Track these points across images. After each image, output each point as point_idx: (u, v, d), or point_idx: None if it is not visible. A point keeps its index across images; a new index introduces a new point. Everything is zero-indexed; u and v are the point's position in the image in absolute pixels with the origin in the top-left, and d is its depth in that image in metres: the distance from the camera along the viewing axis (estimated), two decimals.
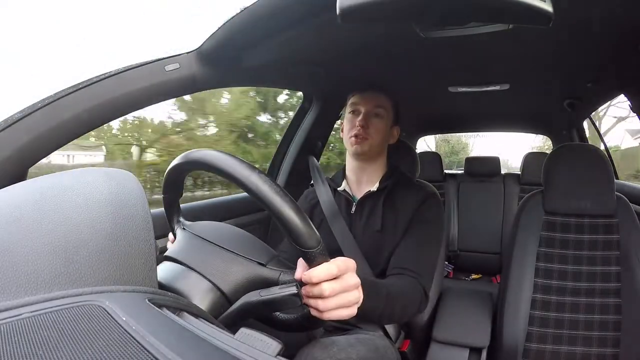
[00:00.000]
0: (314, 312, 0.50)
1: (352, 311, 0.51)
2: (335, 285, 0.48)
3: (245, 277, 0.52)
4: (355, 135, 0.91)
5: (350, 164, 0.99)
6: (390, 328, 0.89)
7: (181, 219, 0.62)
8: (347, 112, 0.96)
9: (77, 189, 0.38)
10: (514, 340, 0.96)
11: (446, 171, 2.28)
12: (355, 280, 0.51)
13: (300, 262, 0.50)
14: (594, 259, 0.97)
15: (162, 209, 0.62)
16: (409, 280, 0.80)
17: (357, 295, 0.52)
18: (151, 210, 0.38)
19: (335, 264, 0.48)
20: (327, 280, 0.48)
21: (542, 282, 0.98)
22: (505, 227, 2.00)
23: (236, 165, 0.46)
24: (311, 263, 0.47)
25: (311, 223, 0.47)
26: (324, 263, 0.48)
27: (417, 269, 0.82)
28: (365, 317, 0.64)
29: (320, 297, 0.48)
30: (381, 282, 0.74)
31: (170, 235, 0.66)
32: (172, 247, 0.56)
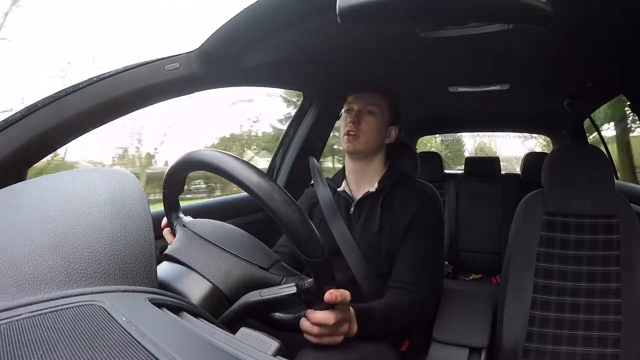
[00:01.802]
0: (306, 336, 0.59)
1: (339, 339, 0.61)
2: (329, 330, 0.58)
3: (247, 280, 0.52)
4: (347, 133, 0.92)
5: (348, 164, 0.99)
6: None
7: (180, 215, 0.61)
8: (342, 112, 0.97)
9: (78, 189, 0.38)
10: (514, 341, 0.96)
11: (446, 171, 2.28)
12: (347, 317, 0.61)
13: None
14: (594, 259, 0.97)
15: (162, 209, 0.61)
16: (407, 295, 0.82)
17: (346, 329, 0.61)
18: (151, 210, 0.38)
19: (333, 316, 0.56)
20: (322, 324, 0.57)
21: (542, 282, 0.98)
22: (505, 227, 1.99)
23: (244, 170, 0.45)
24: (315, 272, 0.48)
25: (318, 234, 0.47)
26: (326, 312, 0.56)
27: (417, 282, 0.84)
28: (362, 339, 0.69)
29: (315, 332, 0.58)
30: (377, 307, 0.76)
31: (166, 234, 0.65)
32: (172, 245, 0.55)
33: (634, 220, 0.97)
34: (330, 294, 0.53)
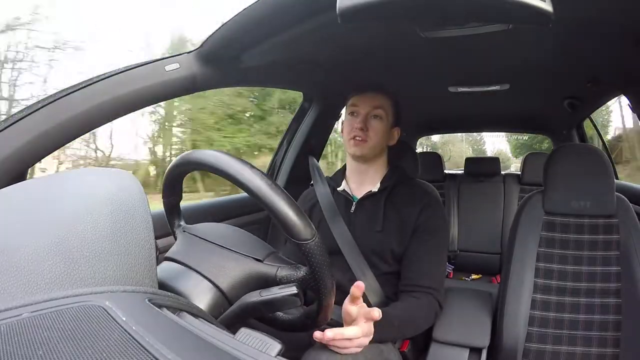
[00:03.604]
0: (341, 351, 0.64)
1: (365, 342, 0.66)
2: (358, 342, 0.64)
3: (242, 273, 0.53)
4: (354, 138, 0.90)
5: (350, 165, 0.98)
6: None
7: (182, 223, 0.62)
8: (346, 114, 0.96)
9: (78, 189, 0.38)
10: (514, 340, 0.96)
11: (446, 171, 2.28)
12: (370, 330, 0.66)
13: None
14: (594, 259, 0.97)
15: (162, 209, 0.62)
16: (423, 298, 0.83)
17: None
18: (151, 210, 0.38)
19: (361, 330, 0.63)
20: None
21: (542, 282, 0.98)
22: (505, 227, 1.99)
23: (230, 161, 0.47)
24: (307, 256, 0.48)
25: (305, 215, 0.47)
26: (353, 327, 0.62)
27: (431, 284, 0.84)
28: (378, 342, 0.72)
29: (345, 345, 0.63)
30: (393, 312, 0.78)
31: None
32: (173, 248, 0.56)
33: (633, 221, 0.97)
34: (356, 286, 0.60)
